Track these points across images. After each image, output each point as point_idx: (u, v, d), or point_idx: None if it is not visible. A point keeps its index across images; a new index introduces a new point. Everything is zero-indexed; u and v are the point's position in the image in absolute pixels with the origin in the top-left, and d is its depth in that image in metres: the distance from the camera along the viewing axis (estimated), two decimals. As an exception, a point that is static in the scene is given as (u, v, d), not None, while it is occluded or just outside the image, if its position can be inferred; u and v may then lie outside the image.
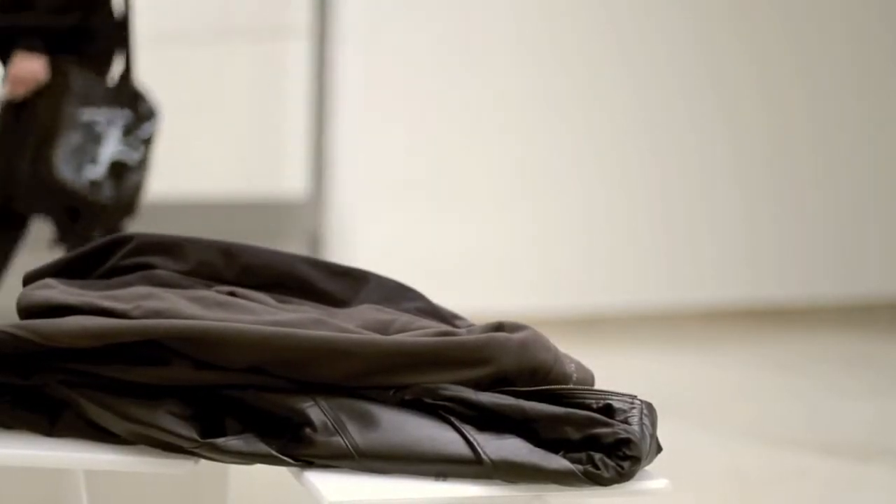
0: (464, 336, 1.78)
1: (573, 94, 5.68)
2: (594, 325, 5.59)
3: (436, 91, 5.45)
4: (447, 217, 5.48)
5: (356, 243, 5.29)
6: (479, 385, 1.75)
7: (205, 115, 5.40)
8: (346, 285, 1.98)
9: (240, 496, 2.09)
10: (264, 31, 5.34)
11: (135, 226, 3.64)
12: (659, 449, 1.77)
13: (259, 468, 1.77)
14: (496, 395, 1.74)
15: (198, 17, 5.37)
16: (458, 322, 1.95)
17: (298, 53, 5.31)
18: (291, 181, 5.33)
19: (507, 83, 5.56)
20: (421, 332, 1.80)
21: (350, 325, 1.82)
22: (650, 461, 1.74)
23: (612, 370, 4.79)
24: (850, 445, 3.81)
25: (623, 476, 1.67)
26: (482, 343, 1.76)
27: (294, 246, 5.22)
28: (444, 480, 1.68)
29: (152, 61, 5.38)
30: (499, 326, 1.82)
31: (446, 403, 1.73)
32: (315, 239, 5.29)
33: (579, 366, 1.86)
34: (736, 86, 5.96)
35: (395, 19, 5.36)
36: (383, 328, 1.83)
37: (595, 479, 1.66)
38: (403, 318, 1.88)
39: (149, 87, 3.73)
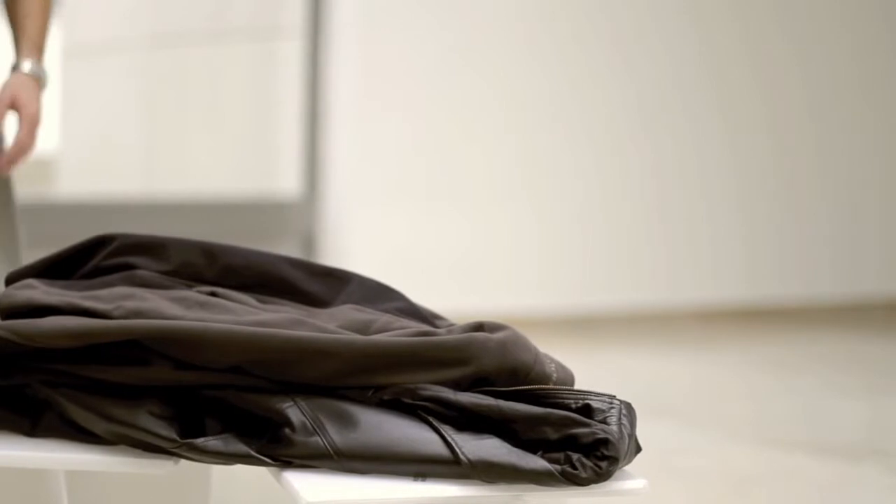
0: (443, 336, 1.78)
1: (570, 94, 5.68)
2: (592, 324, 5.60)
3: (431, 90, 5.45)
4: (442, 217, 5.48)
5: (350, 243, 5.29)
6: (458, 385, 1.76)
7: (198, 116, 5.40)
8: (327, 285, 1.99)
9: (223, 495, 2.10)
10: (257, 31, 5.34)
11: (126, 226, 3.64)
12: (638, 449, 1.77)
13: (242, 468, 1.78)
14: (475, 395, 1.74)
15: (191, 17, 5.38)
16: (438, 322, 1.95)
17: (292, 53, 5.32)
18: (285, 181, 5.33)
19: (503, 83, 5.56)
20: (401, 332, 1.81)
21: (330, 325, 1.82)
22: (629, 461, 1.74)
23: (609, 370, 4.81)
24: (845, 445, 3.81)
25: (600, 476, 1.67)
26: (462, 343, 1.76)
27: (288, 246, 5.22)
28: (422, 480, 1.69)
29: (146, 62, 5.39)
30: (479, 326, 1.82)
31: (425, 404, 1.73)
32: (309, 239, 5.29)
33: (559, 366, 1.86)
34: (735, 85, 5.96)
35: (390, 18, 5.36)
36: (363, 328, 1.84)
37: (572, 479, 1.66)
38: (384, 318, 1.88)
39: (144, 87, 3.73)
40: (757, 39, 5.99)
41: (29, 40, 2.42)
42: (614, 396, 1.76)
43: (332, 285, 1.98)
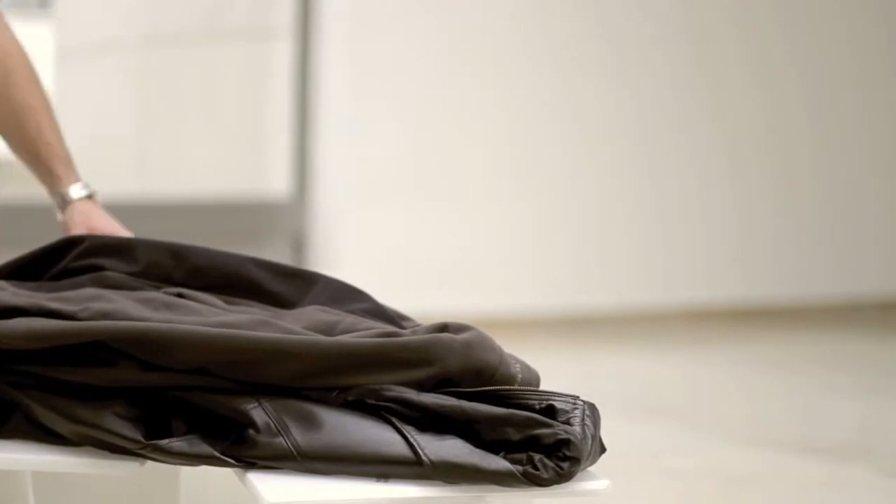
0: (407, 337, 1.79)
1: (564, 93, 5.67)
2: (587, 324, 5.59)
3: (423, 90, 5.45)
4: (435, 218, 5.48)
5: (341, 244, 5.29)
6: (422, 386, 1.76)
7: (187, 116, 5.41)
8: (294, 286, 1.99)
9: (192, 495, 2.10)
10: (247, 31, 5.35)
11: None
12: (603, 450, 1.77)
13: (213, 468, 1.78)
14: (439, 395, 1.75)
15: (180, 18, 5.38)
16: (405, 323, 1.96)
17: (281, 54, 5.32)
18: (275, 182, 5.33)
19: (496, 82, 5.56)
20: (365, 333, 1.81)
21: (296, 326, 1.83)
22: (593, 462, 1.75)
23: (604, 370, 4.81)
24: (838, 446, 3.81)
25: (562, 477, 1.67)
26: (426, 344, 1.77)
27: (278, 247, 5.22)
28: (385, 481, 1.69)
29: (136, 63, 5.39)
30: (443, 327, 1.83)
31: (389, 404, 1.74)
32: (299, 240, 5.30)
33: (525, 366, 1.86)
34: (730, 84, 5.95)
35: (381, 17, 5.36)
36: (329, 329, 1.84)
37: (534, 480, 1.66)
38: (349, 319, 1.89)
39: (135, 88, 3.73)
40: (753, 38, 5.98)
41: (59, 162, 2.10)
42: (578, 397, 1.76)
43: (299, 286, 1.99)
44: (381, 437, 1.71)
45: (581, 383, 4.59)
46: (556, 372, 4.78)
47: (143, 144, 5.30)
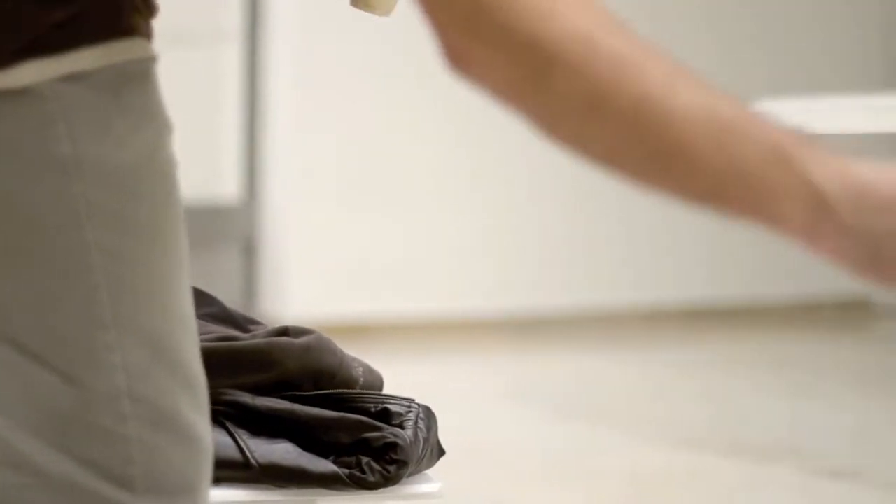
0: (245, 341, 1.80)
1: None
2: (539, 326, 5.59)
3: (372, 93, 5.45)
4: (384, 221, 5.48)
5: (291, 248, 5.30)
6: (261, 389, 1.78)
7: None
8: None
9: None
10: (195, 35, 5.36)
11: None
12: (441, 452, 1.78)
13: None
14: (274, 399, 1.76)
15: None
16: (251, 327, 1.97)
17: (230, 57, 5.33)
18: (224, 185, 5.34)
19: (445, 84, 5.53)
20: (206, 338, 1.82)
21: (140, 330, 1.84)
22: (429, 465, 1.77)
23: (548, 371, 4.83)
24: (762, 445, 3.83)
25: (388, 480, 1.69)
26: (263, 347, 1.79)
27: (228, 251, 5.23)
28: (216, 485, 1.71)
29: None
30: (283, 331, 1.84)
31: (224, 408, 1.75)
32: (249, 243, 5.30)
33: (368, 369, 1.87)
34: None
35: (329, 20, 5.36)
36: (171, 334, 1.85)
37: (360, 483, 1.68)
38: (192, 323, 1.89)
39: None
40: (725, 34, 5.97)
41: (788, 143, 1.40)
42: (413, 400, 1.78)
43: (148, 291, 1.99)
44: (215, 440, 1.72)
45: (531, 387, 4.61)
46: (508, 373, 4.80)
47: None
